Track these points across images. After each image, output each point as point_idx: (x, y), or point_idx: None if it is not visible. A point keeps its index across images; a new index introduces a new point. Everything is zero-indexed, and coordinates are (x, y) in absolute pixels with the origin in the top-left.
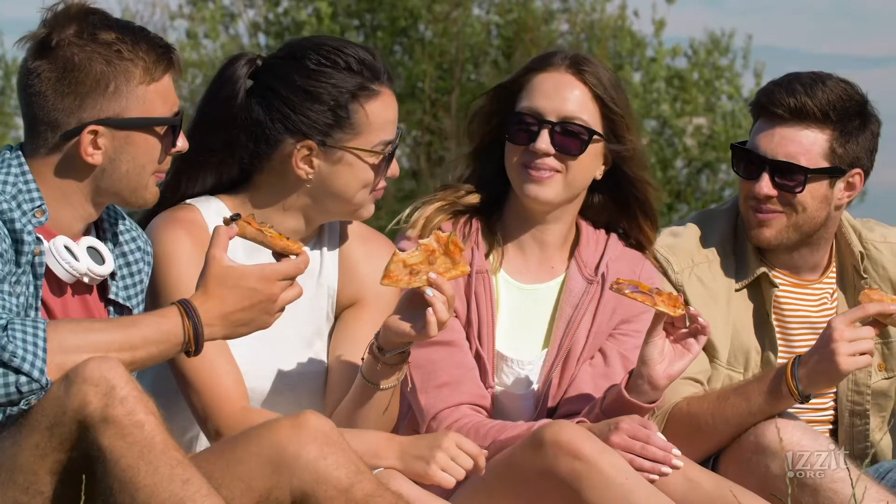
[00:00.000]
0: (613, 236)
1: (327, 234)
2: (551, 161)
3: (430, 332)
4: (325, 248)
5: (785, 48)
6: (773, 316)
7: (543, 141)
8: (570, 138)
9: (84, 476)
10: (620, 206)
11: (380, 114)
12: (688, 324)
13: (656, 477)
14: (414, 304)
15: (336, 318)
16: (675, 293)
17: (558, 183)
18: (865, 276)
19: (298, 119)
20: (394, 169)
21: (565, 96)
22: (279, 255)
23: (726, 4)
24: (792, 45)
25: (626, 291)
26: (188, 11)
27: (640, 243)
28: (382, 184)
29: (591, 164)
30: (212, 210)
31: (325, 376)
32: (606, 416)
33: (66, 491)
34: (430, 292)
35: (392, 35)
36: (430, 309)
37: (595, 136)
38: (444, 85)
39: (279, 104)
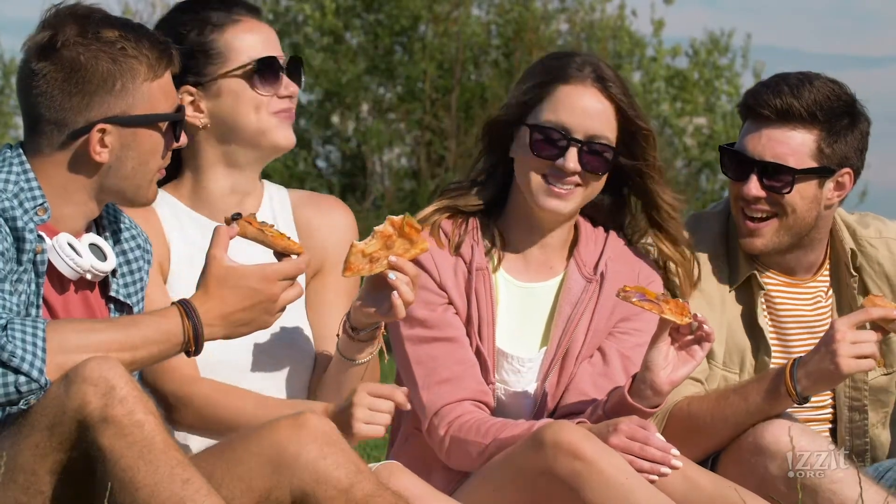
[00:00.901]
0: (612, 235)
1: (278, 205)
2: (575, 178)
3: (397, 314)
4: (279, 220)
5: (785, 48)
6: (768, 317)
7: (572, 160)
8: (596, 157)
9: (89, 479)
10: (620, 207)
11: (239, 37)
12: (693, 330)
13: (656, 477)
14: (378, 288)
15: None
16: (682, 300)
17: (578, 197)
18: (855, 273)
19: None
20: (289, 86)
21: (592, 114)
22: (280, 255)
23: (725, 4)
24: (792, 45)
25: (634, 300)
26: None
27: (666, 257)
28: (282, 104)
29: (605, 176)
30: (159, 200)
31: (303, 343)
32: (608, 418)
33: (66, 491)
34: (392, 276)
35: (392, 35)
36: (394, 292)
37: (618, 157)
38: (444, 84)
39: None
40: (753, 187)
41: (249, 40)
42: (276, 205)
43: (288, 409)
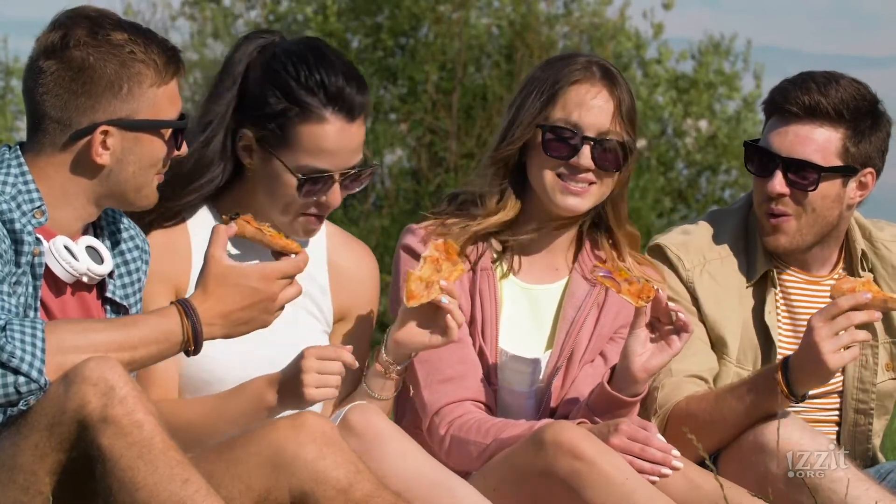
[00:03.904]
0: None
1: (314, 240)
2: (589, 175)
3: (453, 336)
4: (311, 251)
5: (784, 48)
6: (782, 315)
7: (585, 157)
8: (609, 153)
9: (89, 479)
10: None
11: (313, 136)
12: (673, 320)
13: (657, 478)
14: (425, 315)
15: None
16: (654, 287)
17: (594, 195)
18: (862, 273)
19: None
20: (330, 196)
21: (603, 112)
22: (278, 254)
23: (725, 4)
24: (791, 46)
25: (599, 275)
26: (191, 12)
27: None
28: (316, 209)
29: (618, 173)
30: (200, 219)
31: None
32: (592, 410)
33: (65, 491)
34: (445, 300)
35: (394, 36)
36: (448, 315)
37: (631, 157)
38: (445, 85)
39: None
40: (778, 183)
41: (319, 146)
42: (309, 247)
43: (247, 392)
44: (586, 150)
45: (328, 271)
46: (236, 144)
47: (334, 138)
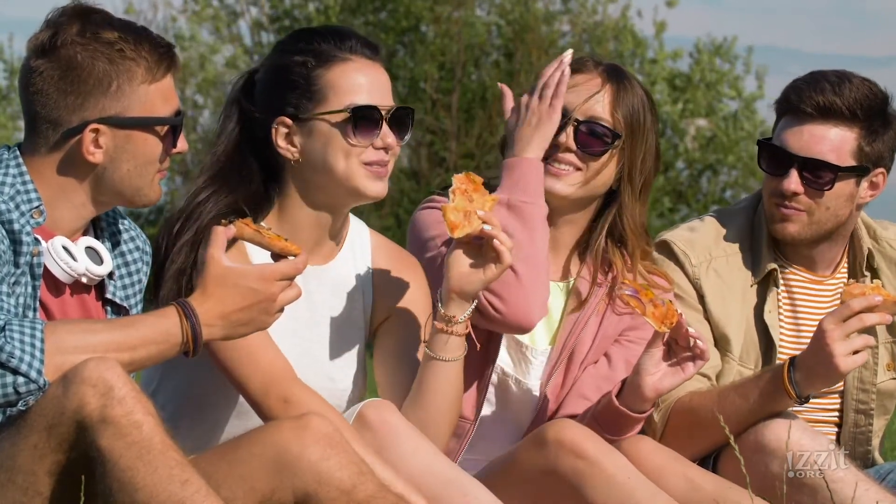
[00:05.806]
0: None
1: (359, 248)
2: (572, 157)
3: (507, 259)
4: (356, 264)
5: (784, 48)
6: (784, 314)
7: (567, 136)
8: (594, 138)
9: (83, 477)
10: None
11: (343, 78)
12: (691, 346)
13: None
14: (468, 252)
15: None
16: (677, 311)
17: (576, 180)
18: (867, 273)
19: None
20: (387, 138)
21: (595, 97)
22: (277, 256)
23: (725, 4)
24: (791, 46)
25: (626, 293)
26: (196, 8)
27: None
28: (375, 155)
29: (611, 166)
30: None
31: (353, 392)
32: (598, 422)
33: (64, 492)
34: (487, 227)
35: (396, 35)
36: (495, 241)
37: (617, 142)
38: (445, 85)
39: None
40: (793, 182)
41: (352, 83)
42: (357, 248)
43: None
44: (570, 131)
45: (372, 280)
46: (273, 150)
47: (363, 73)
